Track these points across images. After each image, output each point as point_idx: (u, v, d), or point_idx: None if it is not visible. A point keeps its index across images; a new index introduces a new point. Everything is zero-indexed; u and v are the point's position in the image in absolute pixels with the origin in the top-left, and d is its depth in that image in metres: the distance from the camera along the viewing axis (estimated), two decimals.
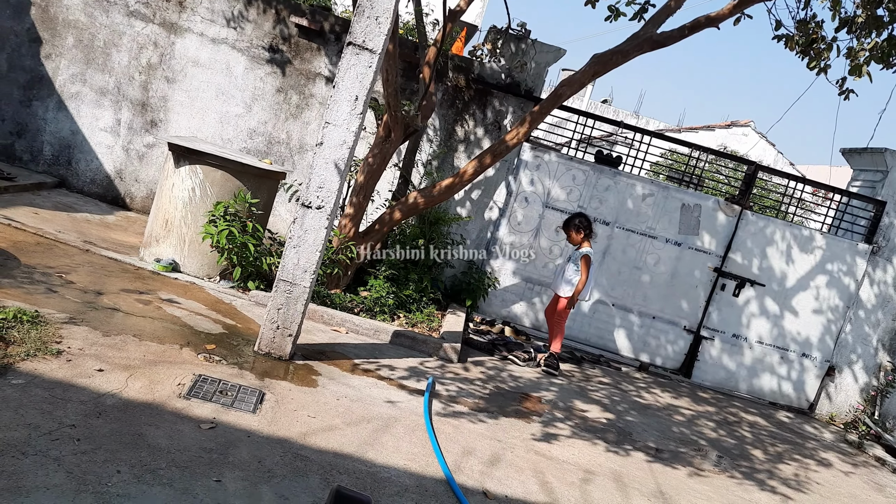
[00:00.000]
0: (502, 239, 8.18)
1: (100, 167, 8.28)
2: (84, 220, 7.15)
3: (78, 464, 2.93)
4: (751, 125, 21.52)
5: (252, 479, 3.24)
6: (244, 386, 4.24)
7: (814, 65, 6.15)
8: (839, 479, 6.10)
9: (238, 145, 8.25)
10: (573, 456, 4.77)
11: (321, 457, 3.66)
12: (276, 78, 8.22)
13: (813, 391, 8.41)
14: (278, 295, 4.86)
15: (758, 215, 8.28)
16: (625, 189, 8.12)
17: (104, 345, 4.21)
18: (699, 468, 5.30)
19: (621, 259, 8.19)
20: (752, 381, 8.38)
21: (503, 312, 8.26)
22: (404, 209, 6.88)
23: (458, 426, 4.68)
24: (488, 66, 8.07)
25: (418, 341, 6.22)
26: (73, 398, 3.46)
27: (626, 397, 6.75)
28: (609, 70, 6.56)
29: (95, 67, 8.14)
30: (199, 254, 6.28)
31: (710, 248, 8.19)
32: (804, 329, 8.32)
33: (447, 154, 8.20)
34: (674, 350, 8.33)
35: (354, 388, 4.80)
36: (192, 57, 8.18)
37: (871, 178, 8.55)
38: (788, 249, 8.22)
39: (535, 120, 6.67)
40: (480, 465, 4.18)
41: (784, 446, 6.65)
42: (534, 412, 5.50)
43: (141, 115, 8.24)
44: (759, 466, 5.77)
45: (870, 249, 8.21)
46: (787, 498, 5.19)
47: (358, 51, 4.66)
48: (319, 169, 4.76)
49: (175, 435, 3.42)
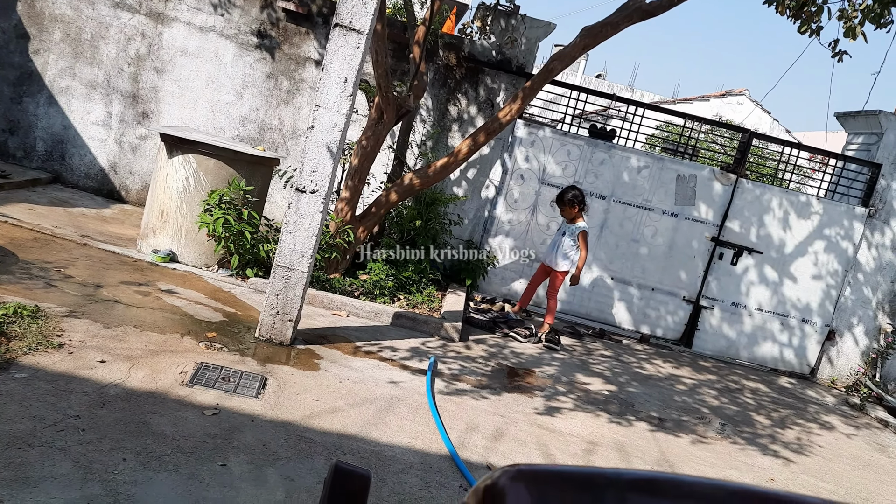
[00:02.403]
0: (500, 217, 8.18)
1: (94, 161, 8.26)
2: (80, 214, 7.15)
3: (84, 453, 2.96)
4: (745, 94, 21.42)
5: (257, 462, 3.28)
6: (246, 372, 4.27)
7: (805, 28, 6.12)
8: (841, 442, 6.15)
9: (230, 133, 8.22)
10: (576, 428, 4.81)
11: (325, 438, 3.69)
12: (266, 64, 8.18)
13: (814, 356, 8.45)
14: (276, 281, 4.88)
15: (754, 183, 8.27)
16: (620, 162, 8.11)
17: (105, 336, 4.23)
18: (702, 436, 5.34)
19: (619, 232, 8.20)
20: (753, 348, 8.42)
21: (503, 290, 8.28)
22: (400, 191, 6.87)
23: (461, 403, 4.72)
24: (479, 44, 8.02)
25: (419, 322, 6.24)
26: (76, 390, 3.49)
27: (628, 369, 6.79)
28: (599, 42, 6.52)
29: (84, 61, 8.10)
30: (196, 243, 6.29)
31: (707, 218, 8.19)
32: (804, 295, 8.34)
33: (441, 134, 8.18)
34: (674, 321, 8.36)
35: (357, 370, 4.83)
36: (180, 46, 8.13)
37: (867, 141, 8.53)
38: (785, 216, 8.22)
39: (528, 96, 6.64)
40: (484, 440, 4.22)
41: (786, 411, 6.69)
42: (536, 387, 5.54)
43: (132, 107, 8.21)
44: (762, 432, 5.82)
45: (867, 213, 8.21)
46: (789, 461, 5.23)
47: (345, 32, 4.64)
48: (312, 153, 4.75)
49: (179, 422, 3.45)
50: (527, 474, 0.70)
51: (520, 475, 0.70)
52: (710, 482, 0.69)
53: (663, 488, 0.69)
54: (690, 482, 0.70)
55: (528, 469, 0.70)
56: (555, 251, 7.01)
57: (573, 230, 6.90)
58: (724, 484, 0.68)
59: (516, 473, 0.70)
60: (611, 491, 0.67)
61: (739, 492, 0.68)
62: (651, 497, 0.67)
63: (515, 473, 0.70)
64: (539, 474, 0.70)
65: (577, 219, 6.90)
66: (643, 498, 0.67)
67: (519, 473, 0.70)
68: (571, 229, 6.91)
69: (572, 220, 6.92)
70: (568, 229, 6.94)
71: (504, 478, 0.70)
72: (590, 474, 0.69)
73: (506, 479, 0.70)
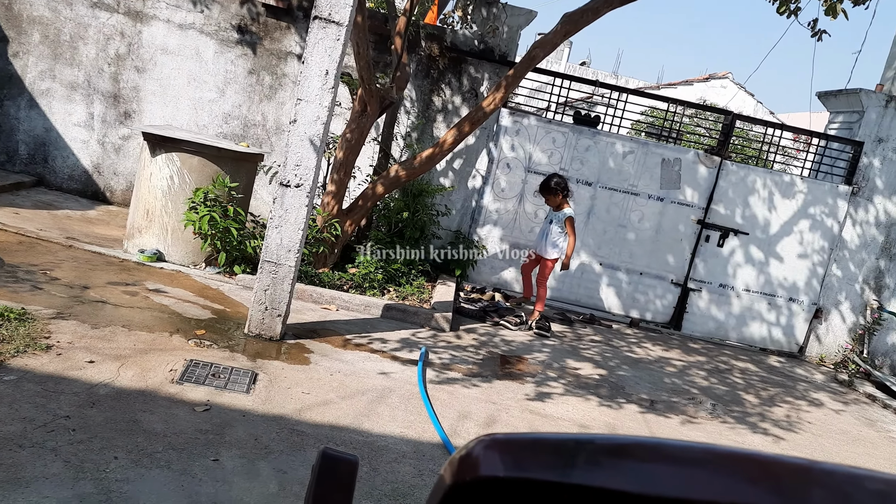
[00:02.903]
0: (487, 206, 8.20)
1: (77, 163, 8.21)
2: (65, 216, 7.11)
3: (75, 453, 2.96)
4: (729, 77, 21.49)
5: (249, 456, 3.29)
6: (236, 368, 4.27)
7: (784, 9, 6.14)
8: (831, 417, 6.22)
9: (214, 130, 8.19)
10: (567, 412, 4.85)
11: (317, 431, 3.71)
12: (248, 60, 8.14)
13: (802, 334, 8.53)
14: (264, 276, 4.88)
15: (738, 165, 8.32)
16: (605, 148, 8.13)
17: (93, 337, 4.22)
18: (692, 416, 5.39)
19: (606, 218, 8.23)
20: (742, 329, 8.49)
21: (493, 279, 8.30)
22: (386, 183, 6.87)
23: (453, 392, 4.74)
24: (461, 33, 8.01)
25: (409, 313, 6.25)
26: (65, 390, 3.48)
27: (618, 353, 6.83)
28: (581, 28, 6.52)
29: (64, 62, 8.04)
30: (182, 242, 6.27)
31: (693, 201, 8.24)
32: (790, 274, 8.41)
33: (426, 125, 8.17)
34: (662, 304, 8.41)
35: (347, 362, 4.84)
36: (160, 45, 8.08)
37: (848, 119, 8.58)
38: (770, 196, 8.27)
39: (511, 84, 6.64)
40: (476, 427, 4.24)
41: (775, 389, 6.76)
42: (527, 373, 5.57)
43: (113, 107, 8.16)
44: (752, 410, 5.88)
45: (850, 190, 8.27)
46: (779, 439, 5.29)
47: (325, 24, 4.63)
48: (295, 147, 4.75)
49: (170, 419, 3.45)
50: (501, 443, 0.71)
51: (494, 443, 0.71)
52: (681, 444, 0.70)
53: (636, 451, 0.70)
54: (662, 444, 0.72)
55: (503, 437, 0.72)
56: (544, 240, 7.05)
57: (560, 217, 6.93)
58: (696, 445, 0.70)
59: (490, 442, 0.71)
60: (583, 454, 0.69)
61: (712, 452, 0.69)
62: (623, 459, 0.68)
63: (490, 442, 0.71)
64: (513, 442, 0.71)
65: (562, 205, 6.93)
66: (616, 460, 0.68)
67: (493, 442, 0.71)
68: (558, 216, 6.95)
69: (558, 208, 6.95)
70: (555, 217, 6.98)
71: (479, 447, 0.71)
72: (562, 439, 0.71)
73: (480, 448, 0.71)
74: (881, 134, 8.21)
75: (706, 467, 0.63)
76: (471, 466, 0.70)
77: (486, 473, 0.68)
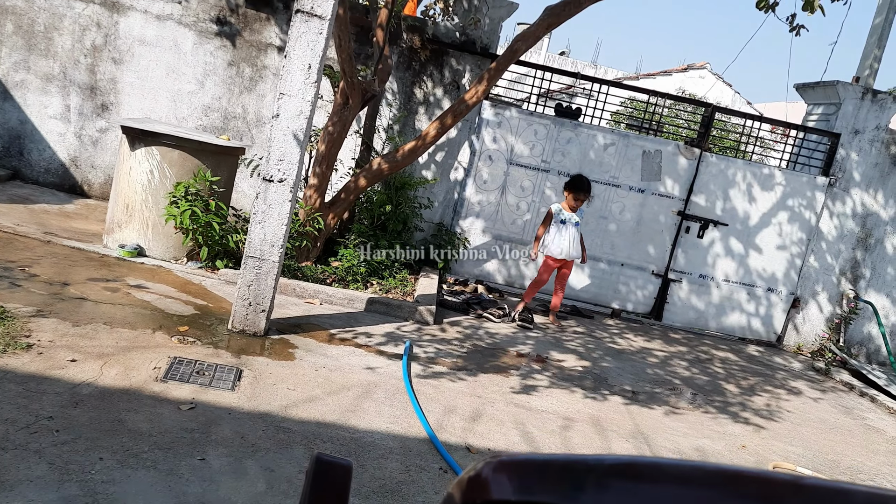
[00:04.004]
0: (469, 198, 8.20)
1: (53, 156, 8.08)
2: (42, 210, 7.00)
3: (59, 454, 2.93)
4: (707, 67, 21.64)
5: (236, 454, 3.28)
6: (221, 365, 4.25)
7: (763, 4, 6.19)
8: (809, 406, 6.33)
9: (193, 123, 8.09)
10: (552, 405, 4.88)
11: (303, 427, 3.70)
12: (227, 51, 8.04)
13: (780, 324, 8.65)
14: (247, 271, 4.84)
15: (718, 156, 8.39)
16: (586, 140, 8.16)
17: (75, 335, 4.17)
18: (675, 406, 5.46)
19: (587, 210, 8.26)
20: (721, 318, 8.59)
21: (476, 271, 8.32)
22: (369, 176, 6.85)
23: (438, 386, 4.75)
24: (442, 25, 7.98)
25: (393, 307, 6.25)
26: (47, 390, 3.44)
27: (601, 344, 6.89)
28: (563, 21, 6.53)
29: (38, 53, 7.89)
30: (163, 236, 6.21)
31: (673, 193, 8.30)
32: (769, 265, 8.52)
33: (408, 117, 8.14)
34: (643, 295, 8.49)
35: (332, 357, 4.83)
36: (137, 36, 7.96)
37: (826, 111, 8.69)
38: (749, 188, 8.36)
39: (493, 77, 6.64)
40: (462, 421, 4.26)
41: (755, 379, 6.86)
42: (512, 366, 5.60)
43: (90, 99, 8.03)
44: (732, 400, 5.96)
45: (827, 182, 8.39)
46: (759, 428, 5.38)
47: (307, 18, 4.59)
48: (278, 141, 4.71)
49: (155, 418, 3.43)
50: (508, 465, 0.72)
51: (502, 465, 0.72)
52: (689, 464, 0.71)
53: (644, 472, 0.71)
54: (670, 465, 0.73)
55: (510, 459, 0.72)
56: (572, 242, 7.04)
57: (581, 216, 7.14)
58: (703, 465, 0.71)
59: (499, 464, 0.72)
60: (591, 477, 0.69)
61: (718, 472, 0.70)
62: (632, 481, 0.69)
63: (498, 464, 0.72)
64: (520, 464, 0.72)
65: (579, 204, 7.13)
66: (624, 482, 0.69)
67: (501, 464, 0.72)
68: (578, 215, 7.09)
69: (575, 207, 7.08)
70: (574, 217, 7.05)
71: (487, 469, 0.72)
72: (570, 461, 0.71)
73: (489, 470, 0.72)
74: (857, 126, 8.32)
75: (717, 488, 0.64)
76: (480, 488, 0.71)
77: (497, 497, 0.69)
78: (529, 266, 8.31)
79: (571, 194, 7.02)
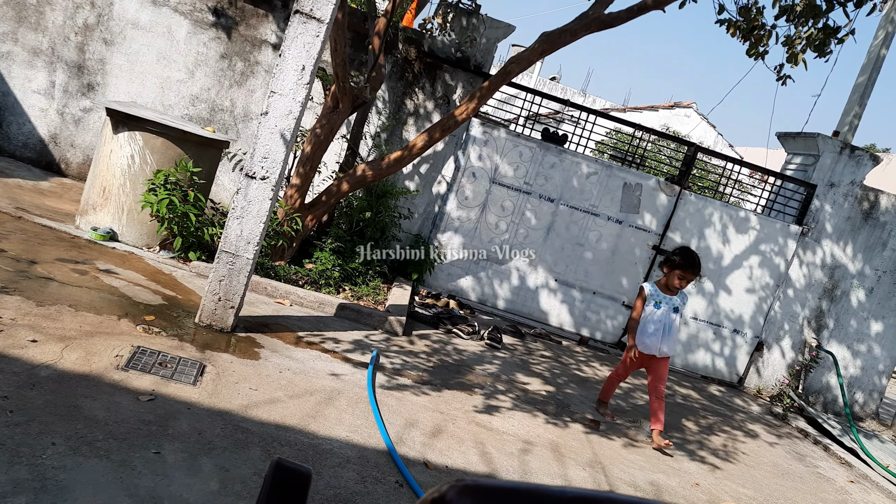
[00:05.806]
0: (450, 213, 8.22)
1: (33, 131, 7.95)
2: (16, 185, 6.88)
3: (11, 436, 2.87)
4: (693, 106, 22.00)
5: (192, 451, 3.23)
6: (184, 358, 4.20)
7: (753, 51, 6.33)
8: (764, 450, 6.41)
9: (179, 112, 8.03)
10: (513, 427, 4.89)
11: (263, 429, 3.66)
12: (221, 43, 8.00)
13: (743, 366, 8.77)
14: (220, 266, 4.80)
15: (696, 196, 8.52)
16: (570, 167, 8.24)
17: (38, 315, 4.10)
18: (634, 439, 5.49)
19: (565, 235, 8.34)
20: (687, 356, 8.69)
21: (449, 286, 8.33)
22: (352, 181, 6.84)
23: (402, 398, 4.74)
24: (439, 40, 8.02)
25: (363, 314, 6.23)
26: (4, 369, 3.37)
27: (567, 370, 6.92)
28: (557, 48, 6.61)
29: (28, 26, 7.78)
30: (138, 223, 6.13)
31: (650, 227, 8.40)
32: (737, 307, 8.64)
33: (396, 127, 8.16)
34: (613, 325, 8.56)
35: (298, 360, 4.79)
36: (131, 19, 7.89)
37: (804, 161, 8.88)
38: (724, 229, 8.50)
39: (484, 96, 6.68)
40: (423, 436, 4.25)
41: (714, 418, 6.94)
42: (476, 384, 5.60)
43: (77, 77, 7.93)
44: (691, 437, 6.02)
45: (800, 231, 8.55)
46: (715, 468, 5.43)
47: (305, 19, 4.59)
48: (264, 139, 4.69)
49: (113, 407, 3.37)
50: (473, 489, 0.73)
51: (466, 489, 0.73)
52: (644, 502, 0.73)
53: None
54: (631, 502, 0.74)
55: (475, 484, 0.73)
56: (667, 334, 5.48)
57: (685, 299, 5.62)
58: None
59: (463, 488, 0.73)
60: None
61: None
62: None
63: (462, 488, 0.73)
64: (485, 490, 0.73)
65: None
66: None
67: (466, 488, 0.73)
68: (683, 298, 5.60)
69: (678, 289, 5.54)
70: (676, 302, 5.52)
71: (451, 492, 0.73)
72: (534, 491, 0.73)
73: (453, 494, 0.73)
74: (833, 179, 8.51)
75: None
76: None
77: None
78: (503, 285, 8.34)
79: (677, 272, 5.40)
